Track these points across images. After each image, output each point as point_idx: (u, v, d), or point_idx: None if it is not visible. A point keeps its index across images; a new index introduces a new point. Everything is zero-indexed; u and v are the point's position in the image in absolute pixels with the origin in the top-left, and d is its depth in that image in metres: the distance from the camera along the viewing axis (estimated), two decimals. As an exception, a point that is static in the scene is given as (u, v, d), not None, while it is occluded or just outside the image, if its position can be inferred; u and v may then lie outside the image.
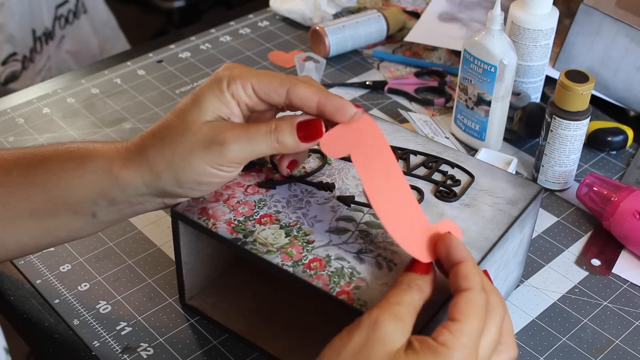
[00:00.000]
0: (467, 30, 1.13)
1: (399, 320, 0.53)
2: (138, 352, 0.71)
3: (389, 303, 0.54)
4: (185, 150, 0.61)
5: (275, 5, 1.19)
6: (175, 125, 0.62)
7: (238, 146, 0.61)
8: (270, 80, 0.62)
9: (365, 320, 0.53)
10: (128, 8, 2.46)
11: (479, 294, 0.54)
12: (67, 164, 0.64)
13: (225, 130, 0.61)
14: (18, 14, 1.71)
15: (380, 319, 0.53)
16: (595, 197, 0.84)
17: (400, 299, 0.54)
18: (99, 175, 0.63)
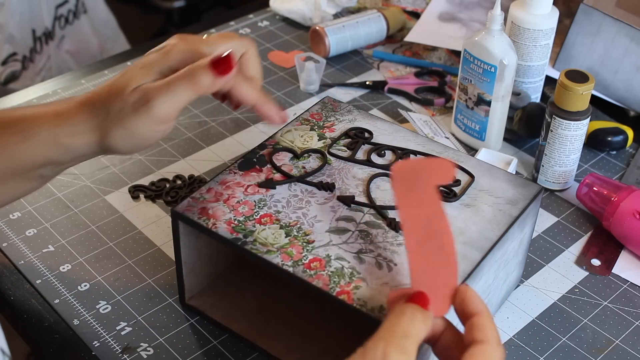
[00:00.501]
0: (467, 30, 1.13)
1: (405, 354, 0.51)
2: (138, 352, 0.71)
3: (395, 335, 0.52)
4: (120, 118, 0.64)
5: (275, 5, 1.19)
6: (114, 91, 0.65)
7: (161, 100, 0.64)
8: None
9: (371, 352, 0.51)
10: (128, 8, 2.46)
11: (496, 348, 0.53)
12: (11, 137, 0.65)
13: (149, 88, 0.64)
14: (18, 14, 1.71)
15: (388, 353, 0.51)
16: (595, 197, 0.84)
17: (405, 330, 0.52)
18: (44, 145, 0.65)
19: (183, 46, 0.67)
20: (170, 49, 0.66)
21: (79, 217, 0.84)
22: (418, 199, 0.59)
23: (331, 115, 0.79)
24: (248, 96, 0.68)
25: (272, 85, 1.05)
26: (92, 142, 0.66)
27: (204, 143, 0.95)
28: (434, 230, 0.59)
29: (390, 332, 0.52)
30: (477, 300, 0.56)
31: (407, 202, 0.59)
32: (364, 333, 0.71)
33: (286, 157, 0.74)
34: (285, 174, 0.71)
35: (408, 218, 0.59)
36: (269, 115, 0.70)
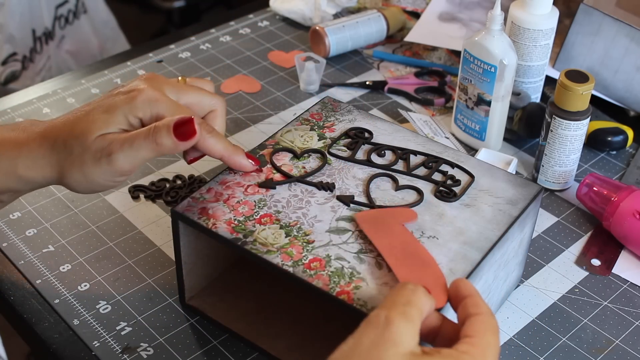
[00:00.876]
0: (467, 30, 1.13)
1: (409, 320, 0.52)
2: (138, 352, 0.71)
3: (397, 303, 0.53)
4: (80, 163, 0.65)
5: (275, 5, 1.19)
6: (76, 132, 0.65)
7: (123, 155, 0.64)
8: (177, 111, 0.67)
9: (374, 319, 0.52)
10: (128, 8, 2.46)
11: (492, 317, 0.55)
12: None
13: (112, 140, 0.65)
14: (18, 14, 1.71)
15: (391, 317, 0.51)
16: (595, 197, 0.84)
17: (408, 299, 0.53)
18: (3, 175, 0.66)
19: (150, 94, 0.66)
20: (136, 95, 0.66)
21: (79, 217, 0.84)
22: (387, 232, 0.65)
23: (331, 115, 0.79)
24: (214, 148, 0.68)
25: (272, 85, 1.05)
26: (49, 177, 0.66)
27: (204, 143, 0.95)
28: (411, 251, 0.63)
29: (392, 301, 0.53)
30: (468, 284, 0.58)
31: (378, 235, 0.65)
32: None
33: (286, 157, 0.74)
34: (285, 174, 0.71)
35: (383, 245, 0.64)
36: (239, 165, 0.70)
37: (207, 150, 0.68)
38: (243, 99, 1.03)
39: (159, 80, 0.69)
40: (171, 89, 0.69)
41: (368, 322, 0.52)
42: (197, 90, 0.70)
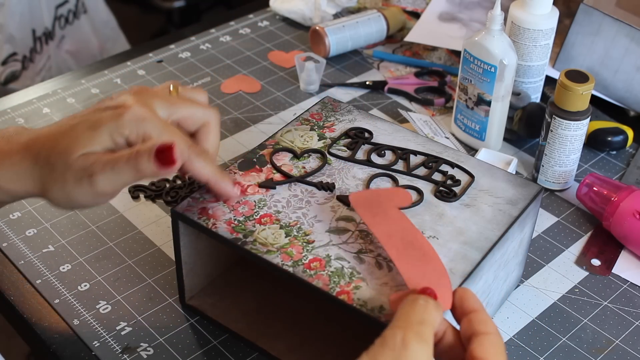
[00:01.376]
0: (467, 30, 1.13)
1: (424, 341, 0.51)
2: (138, 352, 0.71)
3: (412, 323, 0.52)
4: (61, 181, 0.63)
5: (275, 5, 1.19)
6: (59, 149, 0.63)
7: (104, 177, 0.62)
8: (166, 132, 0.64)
9: (390, 341, 0.51)
10: (128, 8, 2.46)
11: (500, 337, 0.54)
12: None
13: (94, 161, 0.62)
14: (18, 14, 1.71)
15: (407, 340, 0.51)
16: (595, 197, 0.84)
17: (421, 317, 0.53)
18: None
19: (137, 112, 0.64)
20: (123, 112, 0.63)
21: (79, 217, 0.84)
22: (384, 218, 0.64)
23: (331, 115, 0.79)
24: (201, 173, 0.66)
25: (272, 85, 1.05)
26: (31, 191, 0.65)
27: (204, 143, 0.95)
28: (410, 240, 0.62)
29: (406, 320, 0.53)
30: (474, 298, 0.57)
31: (376, 221, 0.64)
32: (363, 333, 0.71)
33: (286, 157, 0.74)
34: (286, 174, 0.71)
35: (382, 233, 0.63)
36: (224, 192, 0.68)
37: (193, 173, 0.66)
38: (243, 99, 1.03)
39: (149, 95, 0.66)
40: (161, 104, 0.66)
41: (384, 343, 0.51)
42: (188, 103, 0.68)
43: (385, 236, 0.63)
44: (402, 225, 0.64)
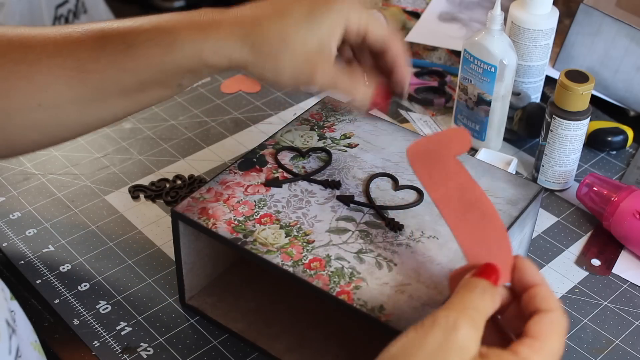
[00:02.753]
0: (467, 30, 1.13)
1: (476, 327, 0.51)
2: (138, 352, 0.71)
3: (466, 307, 0.51)
4: (277, 66, 0.67)
5: (275, 5, 1.19)
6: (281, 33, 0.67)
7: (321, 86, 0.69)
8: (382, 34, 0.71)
9: (442, 321, 0.50)
10: (128, 8, 2.46)
11: (562, 316, 0.53)
12: (156, 49, 0.67)
13: (317, 71, 0.68)
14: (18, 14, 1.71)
15: (459, 323, 0.50)
16: (595, 197, 0.84)
17: (476, 304, 0.52)
18: (188, 59, 0.67)
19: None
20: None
21: (79, 217, 0.84)
22: (442, 174, 0.58)
23: (331, 115, 0.79)
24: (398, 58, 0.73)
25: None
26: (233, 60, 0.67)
27: (204, 143, 0.95)
28: (469, 200, 0.57)
29: (462, 304, 0.52)
30: (535, 270, 0.55)
31: (433, 182, 0.58)
32: (363, 333, 0.71)
33: (286, 157, 0.74)
34: (292, 173, 0.71)
35: (439, 197, 0.58)
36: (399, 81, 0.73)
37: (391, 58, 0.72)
38: (243, 99, 1.03)
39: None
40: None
41: (435, 322, 0.50)
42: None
43: (443, 200, 0.58)
44: (461, 180, 0.58)
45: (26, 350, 0.57)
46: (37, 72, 0.67)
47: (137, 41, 0.68)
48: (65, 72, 0.67)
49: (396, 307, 0.60)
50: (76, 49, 0.68)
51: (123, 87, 0.68)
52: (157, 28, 0.68)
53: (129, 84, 0.68)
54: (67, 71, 0.67)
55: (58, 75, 0.67)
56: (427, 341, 0.49)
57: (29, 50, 0.67)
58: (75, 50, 0.68)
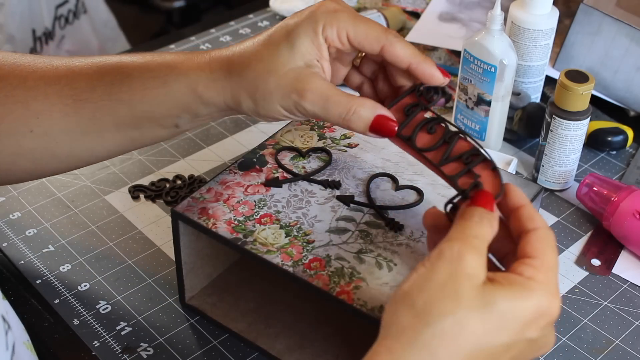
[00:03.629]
0: (467, 30, 1.13)
1: (479, 254, 0.53)
2: (138, 352, 0.71)
3: (467, 236, 0.53)
4: (266, 91, 0.64)
5: (275, 5, 1.19)
6: (264, 59, 0.65)
7: (313, 105, 0.63)
8: (367, 32, 0.64)
9: (447, 253, 0.52)
10: (128, 8, 2.46)
11: (548, 231, 0.55)
12: (151, 82, 0.66)
13: (308, 85, 0.63)
14: (18, 14, 1.71)
15: (463, 252, 0.52)
16: (595, 197, 0.84)
17: (476, 232, 0.54)
18: (183, 93, 0.66)
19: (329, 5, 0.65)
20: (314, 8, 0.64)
21: (79, 217, 0.84)
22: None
23: (331, 115, 0.79)
24: (402, 54, 0.64)
25: (272, 85, 1.05)
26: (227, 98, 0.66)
27: (204, 143, 0.95)
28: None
29: (462, 233, 0.54)
30: (518, 192, 0.57)
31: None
32: (363, 333, 0.71)
33: (286, 157, 0.74)
34: (292, 173, 0.71)
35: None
36: (428, 74, 0.65)
37: (394, 55, 0.64)
38: (243, 99, 1.02)
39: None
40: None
41: (441, 255, 0.52)
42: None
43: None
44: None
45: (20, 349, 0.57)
46: (33, 98, 0.67)
47: (134, 73, 0.67)
48: (60, 100, 0.67)
49: (396, 307, 0.60)
50: (75, 77, 0.68)
51: (117, 120, 0.67)
52: (155, 61, 0.67)
53: (123, 117, 0.67)
54: (62, 99, 0.67)
55: (53, 103, 0.67)
56: (436, 273, 0.51)
57: (28, 77, 0.67)
58: (74, 79, 0.68)
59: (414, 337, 0.50)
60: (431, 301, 0.50)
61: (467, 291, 0.50)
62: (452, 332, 0.50)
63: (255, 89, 0.64)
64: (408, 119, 0.66)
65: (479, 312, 0.50)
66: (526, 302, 0.51)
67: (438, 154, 0.63)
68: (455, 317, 0.50)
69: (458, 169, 0.62)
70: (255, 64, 0.65)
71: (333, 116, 0.63)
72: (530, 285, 0.52)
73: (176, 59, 0.67)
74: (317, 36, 0.64)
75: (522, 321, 0.51)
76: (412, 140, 0.65)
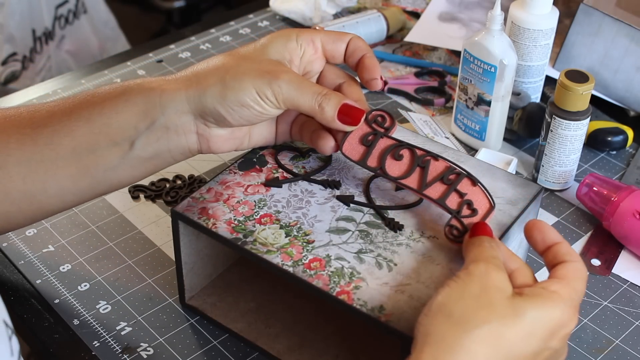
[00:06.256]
0: (467, 30, 1.13)
1: (501, 270, 0.57)
2: (138, 352, 0.71)
3: (487, 257, 0.58)
4: (240, 71, 0.65)
5: (275, 5, 1.19)
6: (239, 55, 0.68)
7: (287, 87, 0.65)
8: (337, 34, 0.71)
9: (475, 271, 0.56)
10: (128, 8, 2.46)
11: (584, 267, 0.59)
12: (112, 94, 0.68)
13: (284, 70, 0.66)
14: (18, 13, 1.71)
15: (489, 269, 0.56)
16: (595, 197, 0.84)
17: (493, 254, 0.58)
18: (141, 95, 0.66)
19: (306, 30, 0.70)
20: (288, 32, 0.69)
21: (79, 217, 0.84)
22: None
23: (331, 115, 0.79)
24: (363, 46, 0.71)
25: (272, 85, 1.05)
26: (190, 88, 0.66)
27: (204, 143, 0.95)
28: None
29: (482, 255, 0.58)
30: (555, 231, 0.61)
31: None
32: (363, 333, 0.71)
33: (286, 157, 0.74)
34: (292, 173, 0.71)
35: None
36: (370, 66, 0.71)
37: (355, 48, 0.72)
38: (243, 99, 1.02)
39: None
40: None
41: (469, 273, 0.56)
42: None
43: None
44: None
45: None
46: None
47: (95, 92, 0.68)
48: (18, 130, 0.66)
49: (396, 307, 0.60)
50: (35, 110, 0.68)
51: (73, 143, 0.66)
52: (116, 84, 0.69)
53: (80, 137, 0.66)
54: (20, 129, 0.66)
55: (10, 134, 0.66)
56: (469, 287, 0.55)
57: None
58: (34, 111, 0.68)
59: (455, 342, 0.53)
60: (468, 311, 0.54)
61: (499, 302, 0.54)
62: (490, 339, 0.53)
63: (226, 72, 0.65)
64: (370, 149, 0.68)
65: (512, 321, 0.54)
66: (552, 312, 0.55)
67: (416, 180, 0.66)
68: (491, 326, 0.53)
69: (443, 192, 0.65)
70: (226, 57, 0.68)
71: (307, 96, 0.65)
72: (554, 297, 0.56)
73: (141, 79, 0.69)
74: (290, 41, 0.68)
75: (548, 330, 0.55)
76: (382, 169, 0.67)
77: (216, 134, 0.68)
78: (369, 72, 0.71)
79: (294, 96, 0.65)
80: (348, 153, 0.68)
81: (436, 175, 0.66)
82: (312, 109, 0.66)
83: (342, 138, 0.68)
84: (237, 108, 0.65)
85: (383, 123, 0.69)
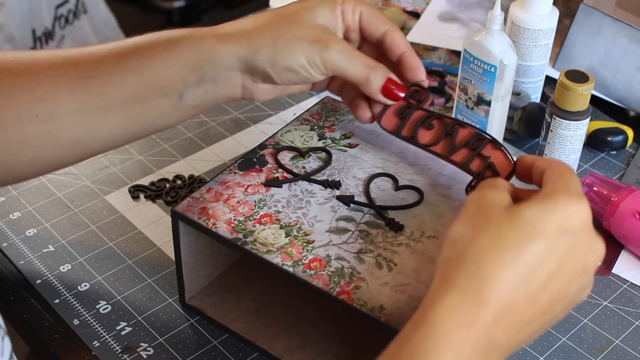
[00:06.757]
0: (467, 30, 1.13)
1: (497, 189, 0.57)
2: (138, 352, 0.71)
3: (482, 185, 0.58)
4: (292, 36, 0.67)
5: (275, 6, 1.19)
6: (287, 16, 0.69)
7: (337, 56, 0.67)
8: (377, 15, 0.72)
9: (473, 197, 0.56)
10: (128, 8, 2.46)
11: (561, 162, 0.59)
12: (161, 46, 0.67)
13: (334, 39, 0.68)
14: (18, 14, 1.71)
15: (484, 192, 0.56)
16: (595, 197, 0.84)
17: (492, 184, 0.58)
18: (192, 49, 0.67)
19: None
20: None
21: (79, 217, 0.84)
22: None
23: (331, 115, 0.79)
24: (401, 42, 0.72)
25: (272, 85, 1.05)
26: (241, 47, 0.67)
27: (204, 143, 0.95)
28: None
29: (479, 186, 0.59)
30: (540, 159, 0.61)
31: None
32: (363, 333, 0.71)
33: (286, 157, 0.74)
34: (292, 173, 0.71)
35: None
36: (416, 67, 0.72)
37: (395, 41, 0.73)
38: (243, 99, 1.03)
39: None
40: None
41: (467, 202, 0.57)
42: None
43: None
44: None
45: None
46: (38, 82, 0.66)
47: (143, 45, 0.68)
48: (67, 81, 0.67)
49: (396, 307, 0.60)
50: (81, 58, 0.68)
51: (124, 94, 0.67)
52: (162, 33, 0.69)
53: (131, 88, 0.67)
54: (69, 79, 0.67)
55: (59, 85, 0.67)
56: (465, 213, 0.56)
57: (32, 64, 0.67)
58: (80, 59, 0.68)
59: (460, 261, 0.53)
60: (465, 229, 0.54)
61: (494, 213, 0.54)
62: (490, 245, 0.52)
63: (278, 36, 0.67)
64: (405, 120, 0.72)
65: (509, 225, 0.53)
66: (551, 206, 0.54)
67: (444, 146, 0.69)
68: (487, 232, 0.53)
69: (468, 156, 0.68)
70: (278, 20, 0.69)
71: (356, 67, 0.68)
72: (549, 193, 0.55)
73: (190, 29, 0.69)
74: (336, 7, 0.69)
75: (553, 224, 0.54)
76: (414, 138, 0.71)
77: (261, 87, 0.71)
78: (413, 73, 0.73)
79: (343, 66, 0.68)
80: (385, 125, 0.72)
81: (462, 141, 0.70)
82: (359, 79, 0.69)
83: (381, 111, 0.72)
84: (286, 72, 0.68)
85: (418, 96, 0.73)
